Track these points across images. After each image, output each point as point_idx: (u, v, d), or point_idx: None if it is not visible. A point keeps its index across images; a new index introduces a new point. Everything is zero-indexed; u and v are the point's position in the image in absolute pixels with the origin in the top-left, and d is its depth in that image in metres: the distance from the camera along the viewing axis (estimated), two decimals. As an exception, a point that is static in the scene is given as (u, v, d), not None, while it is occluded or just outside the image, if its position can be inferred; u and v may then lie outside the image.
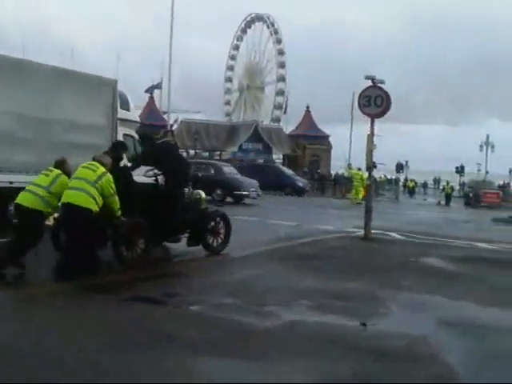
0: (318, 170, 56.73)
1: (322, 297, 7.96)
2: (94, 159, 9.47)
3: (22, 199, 9.04)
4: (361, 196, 33.10)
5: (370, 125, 14.43)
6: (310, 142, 67.12)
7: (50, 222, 9.99)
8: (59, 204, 9.01)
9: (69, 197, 8.78)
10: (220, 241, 11.59)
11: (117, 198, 9.11)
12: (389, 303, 7.78)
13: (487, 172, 67.84)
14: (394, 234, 16.75)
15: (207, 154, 66.64)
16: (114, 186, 9.04)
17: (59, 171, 9.25)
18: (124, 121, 17.83)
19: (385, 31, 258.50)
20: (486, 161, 68.23)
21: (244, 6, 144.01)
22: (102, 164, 9.22)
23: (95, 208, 8.74)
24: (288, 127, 74.77)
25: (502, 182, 69.27)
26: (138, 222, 9.81)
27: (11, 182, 13.36)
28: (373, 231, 15.31)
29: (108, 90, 16.33)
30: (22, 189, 10.17)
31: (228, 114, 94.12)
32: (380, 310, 7.44)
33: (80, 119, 15.20)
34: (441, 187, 64.41)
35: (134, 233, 9.69)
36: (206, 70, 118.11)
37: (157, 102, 66.82)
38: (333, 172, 62.54)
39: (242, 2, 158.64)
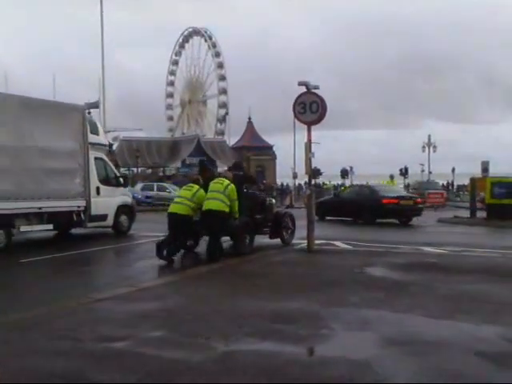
0: (264, 181, 56.38)
1: (261, 320, 7.34)
2: (220, 175, 14.19)
3: (175, 209, 13.06)
4: None
5: (306, 132, 13.92)
6: (253, 153, 66.82)
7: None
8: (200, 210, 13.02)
9: (209, 205, 12.71)
10: (289, 234, 15.82)
11: (237, 202, 13.01)
12: (332, 323, 7.21)
13: (430, 172, 68.57)
14: (338, 244, 16.29)
15: (150, 171, 65.59)
16: (236, 193, 12.96)
17: (197, 186, 13.26)
18: (94, 145, 18.79)
19: (318, 39, 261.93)
20: (428, 161, 69.11)
21: (179, 21, 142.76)
22: (226, 178, 13.34)
23: (227, 209, 12.74)
24: (232, 139, 74.49)
25: (445, 182, 70.10)
26: (246, 222, 13.80)
27: None
28: (317, 241, 14.84)
29: (77, 116, 17.42)
30: (12, 215, 14.90)
31: (171, 130, 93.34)
32: (322, 332, 6.85)
33: (52, 145, 16.17)
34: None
35: (244, 230, 13.67)
36: (147, 87, 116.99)
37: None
38: (279, 181, 62.39)
39: (176, 17, 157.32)
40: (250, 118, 70.99)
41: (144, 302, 8.50)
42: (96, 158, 18.70)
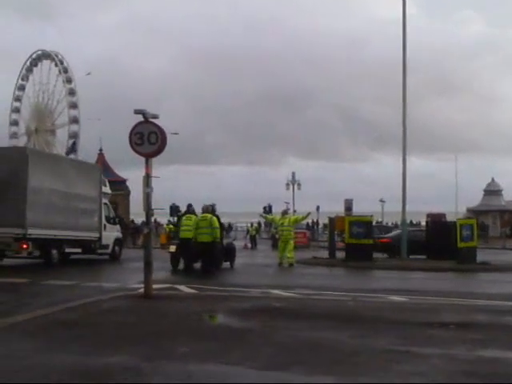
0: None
1: (72, 379, 6.78)
2: (203, 212, 21.74)
3: (186, 235, 21.37)
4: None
5: (145, 165, 13.38)
6: (105, 188, 64.97)
7: (172, 249, 22.41)
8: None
9: (201, 238, 20.63)
10: (233, 261, 24.50)
11: (218, 230, 20.99)
12: (153, 379, 6.82)
13: (295, 211, 69.75)
14: (182, 288, 15.88)
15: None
16: (217, 222, 20.95)
17: (194, 216, 21.57)
18: (104, 194, 27.85)
19: (177, 69, 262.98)
20: (293, 199, 70.41)
21: (23, 43, 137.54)
22: (209, 213, 21.13)
23: (211, 239, 20.58)
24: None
25: (310, 221, 71.54)
26: (221, 249, 22.04)
27: (55, 235, 22.49)
28: (158, 286, 14.39)
29: (97, 172, 27.56)
30: (61, 240, 23.12)
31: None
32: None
33: (85, 193, 24.97)
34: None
35: (221, 254, 22.27)
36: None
37: None
38: (133, 217, 61.34)
39: (20, 39, 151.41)
40: (101, 150, 68.74)
41: None
42: (104, 203, 27.05)
